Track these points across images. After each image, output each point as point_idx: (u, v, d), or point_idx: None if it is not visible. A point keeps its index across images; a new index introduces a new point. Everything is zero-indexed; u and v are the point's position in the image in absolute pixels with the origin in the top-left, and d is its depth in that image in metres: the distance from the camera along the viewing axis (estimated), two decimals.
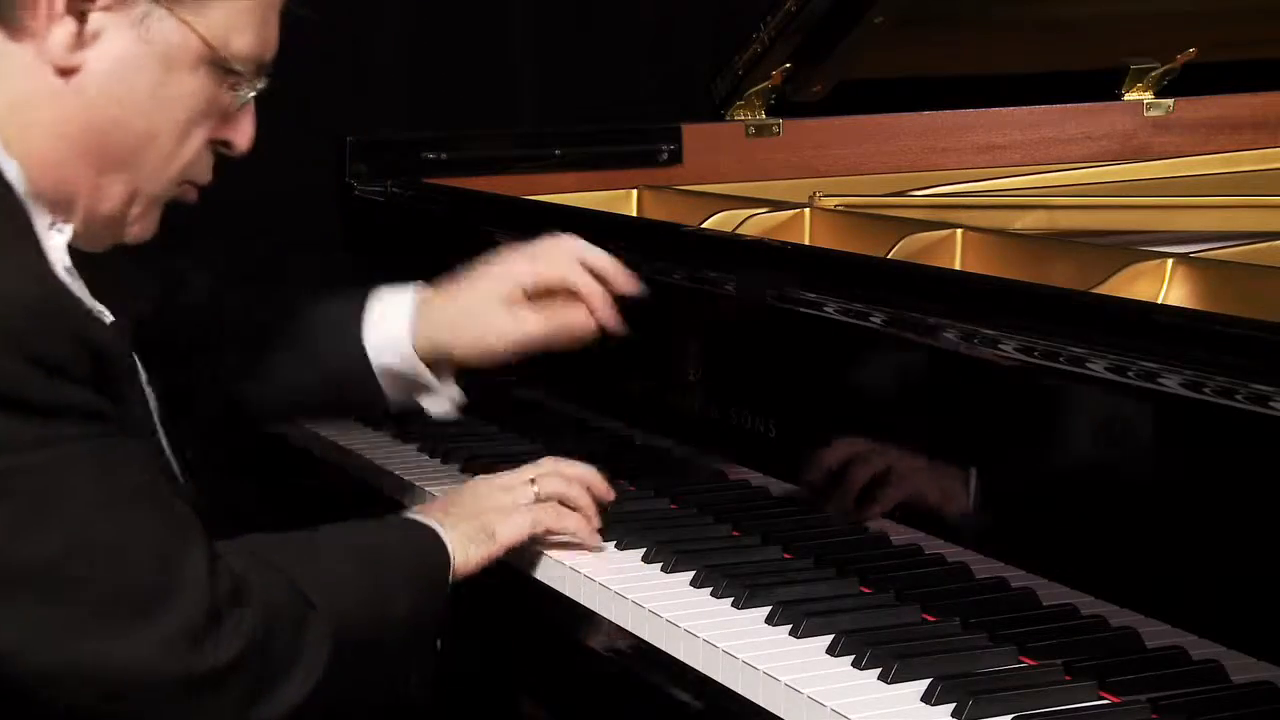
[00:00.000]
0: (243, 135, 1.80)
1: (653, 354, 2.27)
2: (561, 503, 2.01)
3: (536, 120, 3.80)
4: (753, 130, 3.10)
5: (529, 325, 2.07)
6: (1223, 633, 1.58)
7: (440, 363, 2.09)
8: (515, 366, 2.11)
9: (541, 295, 2.09)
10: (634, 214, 2.93)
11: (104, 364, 1.59)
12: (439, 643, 1.88)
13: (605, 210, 2.82)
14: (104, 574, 1.57)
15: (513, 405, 2.56)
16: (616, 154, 3.03)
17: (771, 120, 3.11)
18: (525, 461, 2.31)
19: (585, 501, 2.02)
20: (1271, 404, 1.49)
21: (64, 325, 1.56)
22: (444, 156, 2.92)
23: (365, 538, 1.88)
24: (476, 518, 1.93)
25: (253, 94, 1.77)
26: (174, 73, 1.68)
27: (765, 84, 3.06)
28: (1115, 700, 1.57)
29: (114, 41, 1.65)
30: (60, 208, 1.69)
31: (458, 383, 2.13)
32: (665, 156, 3.05)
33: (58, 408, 1.54)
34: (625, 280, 2.09)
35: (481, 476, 2.06)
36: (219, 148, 1.79)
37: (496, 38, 3.88)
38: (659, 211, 2.90)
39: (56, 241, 1.69)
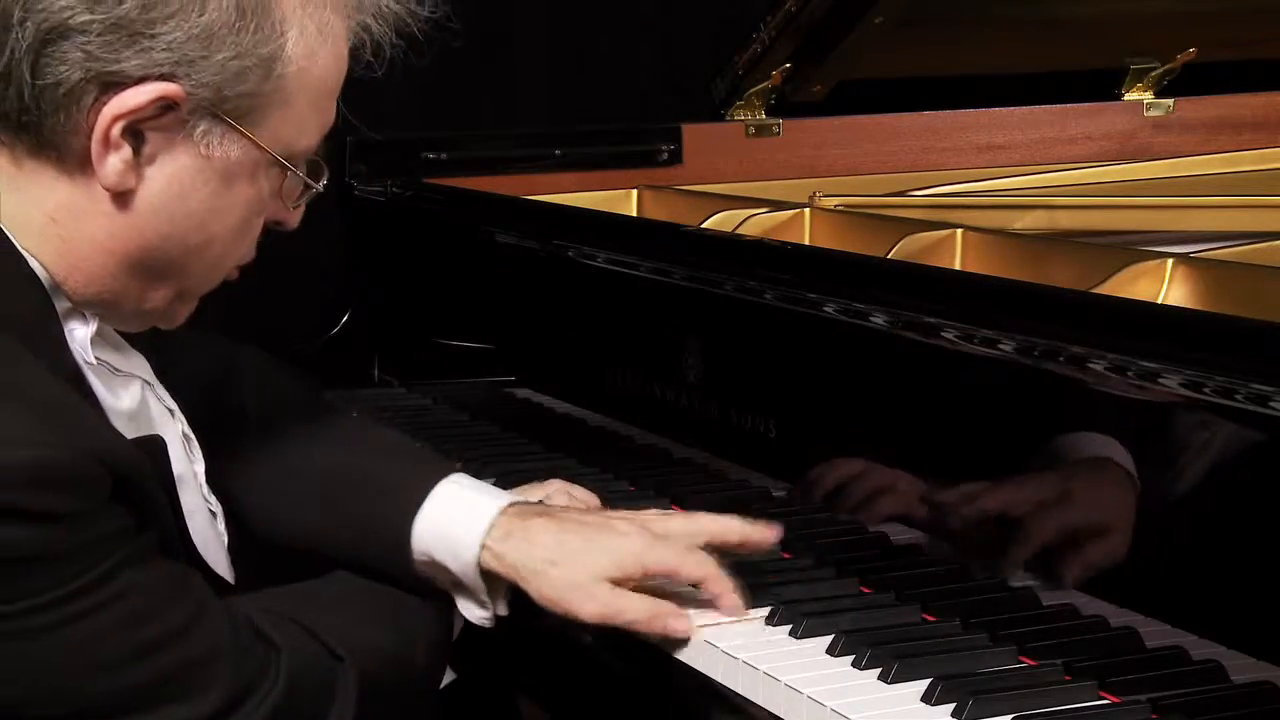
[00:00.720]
0: (294, 217, 1.71)
1: (653, 354, 2.27)
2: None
3: (536, 120, 3.80)
4: (753, 130, 3.10)
5: (627, 610, 1.74)
6: (1223, 633, 1.58)
7: (498, 582, 1.78)
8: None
9: None
10: (634, 214, 2.93)
11: (129, 484, 1.51)
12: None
13: (605, 210, 2.82)
14: (159, 663, 1.51)
15: (514, 405, 2.56)
16: (616, 154, 3.03)
17: (771, 120, 3.11)
18: (526, 458, 2.32)
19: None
20: (1271, 404, 1.49)
21: (63, 475, 1.44)
22: (444, 156, 2.92)
23: (387, 597, 1.77)
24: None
25: (314, 192, 1.70)
26: (233, 184, 1.60)
27: (765, 84, 3.06)
28: (1115, 700, 1.57)
29: (172, 161, 1.57)
30: (102, 308, 1.63)
31: None
32: (665, 156, 3.05)
33: (69, 551, 1.45)
34: (759, 537, 1.82)
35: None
36: (271, 226, 1.71)
37: (497, 37, 3.88)
38: (659, 211, 2.90)
39: (80, 334, 1.62)
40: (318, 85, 1.63)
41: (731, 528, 1.80)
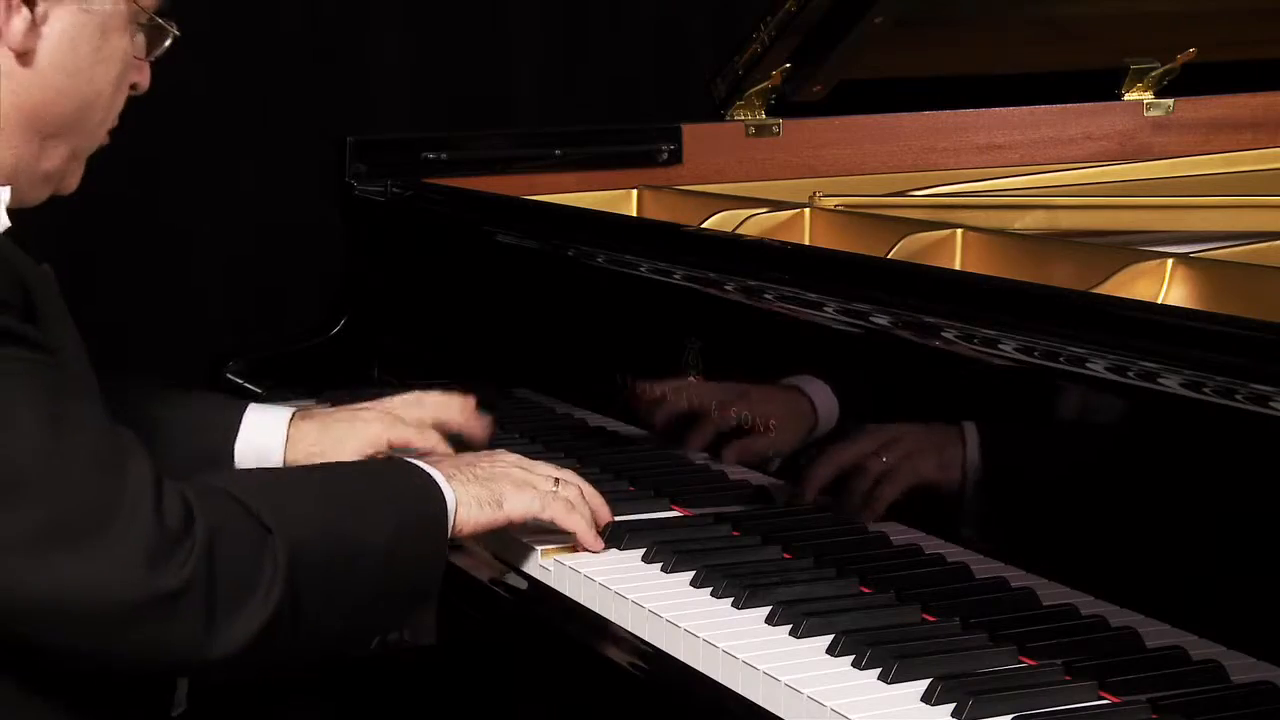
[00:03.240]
0: (146, 77, 1.92)
1: (652, 354, 2.27)
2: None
3: (536, 120, 3.80)
4: (753, 130, 3.10)
5: None
6: (1223, 633, 1.58)
7: None
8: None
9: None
10: (634, 214, 2.93)
11: (38, 304, 1.65)
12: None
13: (605, 210, 2.82)
14: (44, 491, 1.58)
15: (514, 405, 2.56)
16: (616, 154, 3.03)
17: (771, 120, 3.11)
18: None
19: (589, 513, 2.00)
20: (1271, 404, 1.49)
21: (2, 262, 1.63)
22: (444, 156, 2.92)
23: (342, 474, 1.92)
24: (490, 483, 1.93)
25: (169, 41, 1.90)
26: (109, 37, 1.82)
27: (765, 84, 3.06)
28: (1115, 700, 1.57)
29: (61, 19, 1.78)
30: (5, 172, 1.79)
31: None
32: (665, 156, 3.05)
33: None
34: (481, 433, 2.20)
35: (511, 454, 2.04)
36: (129, 92, 1.90)
37: (496, 38, 3.88)
38: (659, 211, 2.90)
39: None
40: None
41: (453, 404, 2.21)
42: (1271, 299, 1.91)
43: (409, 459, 1.94)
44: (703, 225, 2.52)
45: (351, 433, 2.12)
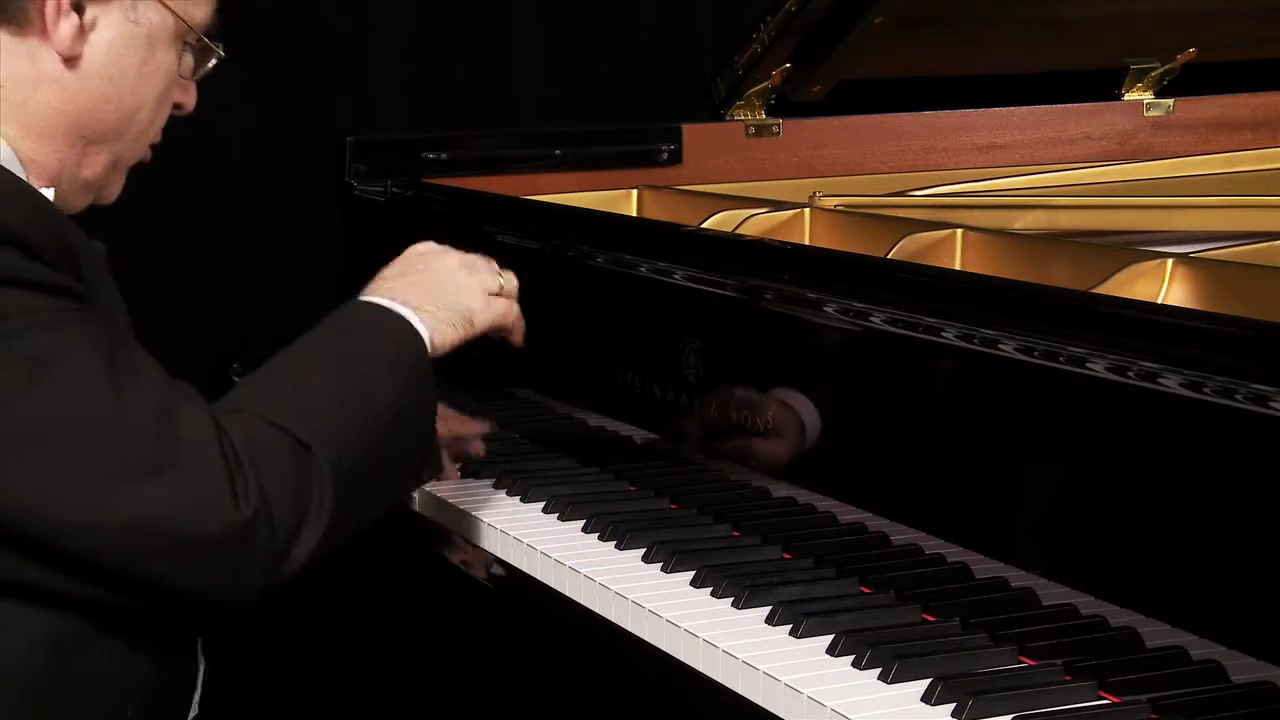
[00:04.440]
0: (192, 97, 1.98)
1: (652, 354, 2.27)
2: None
3: (536, 120, 3.80)
4: (753, 130, 3.11)
5: None
6: (1223, 633, 1.58)
7: None
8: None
9: None
10: (634, 214, 2.93)
11: (82, 269, 1.72)
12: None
13: (605, 210, 2.82)
14: (119, 427, 1.64)
15: (514, 405, 2.56)
16: (616, 154, 3.03)
17: (771, 120, 3.11)
18: (526, 458, 2.32)
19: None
20: (1271, 404, 1.49)
21: (53, 224, 1.70)
22: (444, 156, 2.92)
23: (338, 345, 1.92)
24: (448, 299, 1.98)
25: (213, 62, 1.96)
26: (155, 50, 1.87)
27: (765, 84, 3.07)
28: (1115, 700, 1.57)
29: (109, 28, 1.83)
30: (49, 175, 1.85)
31: None
32: (665, 156, 3.05)
33: (49, 285, 1.66)
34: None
35: (441, 250, 2.08)
36: (172, 111, 1.96)
37: (496, 38, 3.88)
38: (659, 211, 2.90)
39: None
40: None
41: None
42: (1271, 299, 1.91)
43: (374, 301, 1.97)
44: (703, 225, 2.52)
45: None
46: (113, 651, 1.74)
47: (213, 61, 1.96)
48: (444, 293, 2.00)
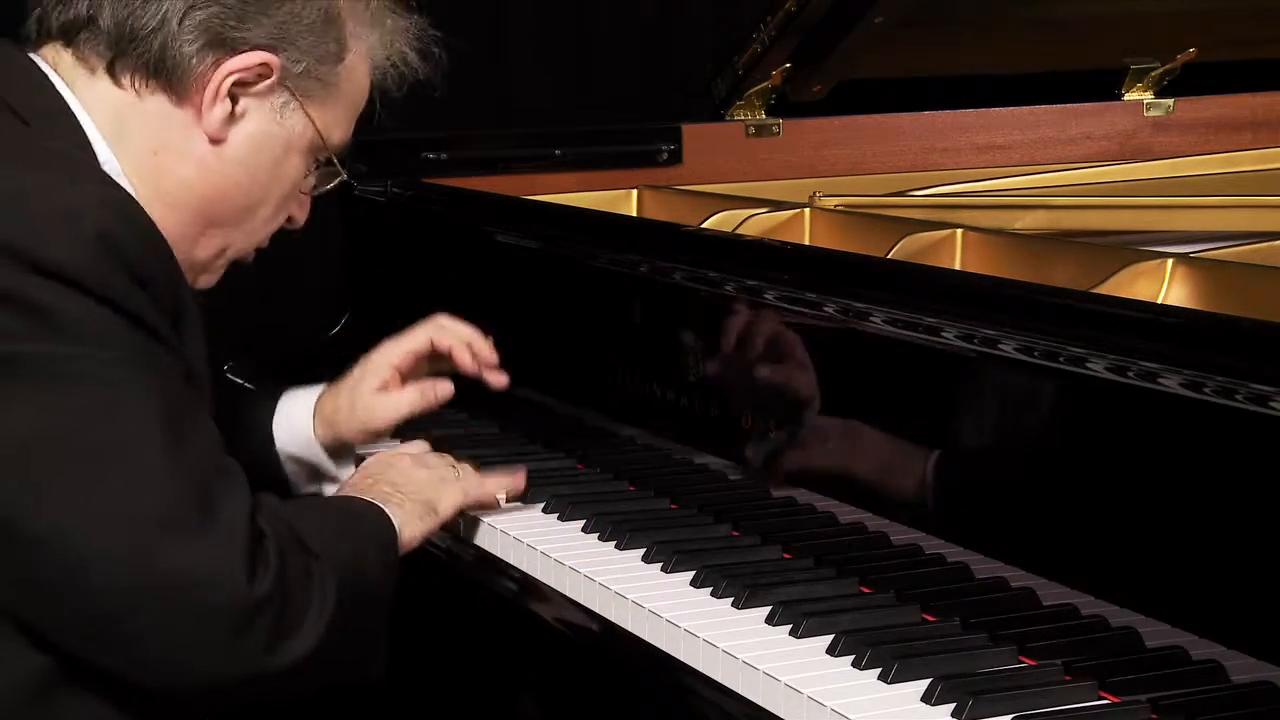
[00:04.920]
0: (304, 214, 2.06)
1: (652, 354, 2.27)
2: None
3: (536, 120, 3.80)
4: (753, 130, 3.11)
5: (402, 404, 2.27)
6: (1223, 633, 1.58)
7: (342, 449, 2.28)
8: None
9: (418, 372, 2.30)
10: (634, 214, 2.93)
11: (184, 318, 1.78)
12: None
13: (605, 210, 2.82)
14: (154, 480, 1.65)
15: (514, 405, 2.56)
16: (616, 154, 3.03)
17: (771, 120, 3.11)
18: (526, 459, 2.32)
19: (492, 477, 2.16)
20: (1271, 404, 1.49)
21: (169, 268, 1.75)
22: (444, 156, 2.92)
23: (329, 510, 1.99)
24: (416, 494, 2.04)
25: (336, 183, 2.04)
26: (290, 154, 1.95)
27: (765, 84, 3.07)
28: (1115, 700, 1.57)
29: (256, 121, 1.91)
30: None
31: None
32: (665, 156, 3.05)
33: (138, 318, 1.68)
34: (485, 349, 2.29)
35: (386, 453, 2.16)
36: (284, 223, 2.05)
37: (496, 38, 3.88)
38: (659, 211, 2.90)
39: None
40: (356, 91, 2.01)
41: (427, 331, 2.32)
42: (1271, 299, 1.91)
43: (355, 495, 2.02)
44: (703, 225, 2.52)
45: (365, 383, 2.28)
46: (99, 700, 1.71)
47: (334, 183, 2.04)
48: (408, 487, 2.05)
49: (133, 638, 1.65)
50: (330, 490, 2.24)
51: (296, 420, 2.27)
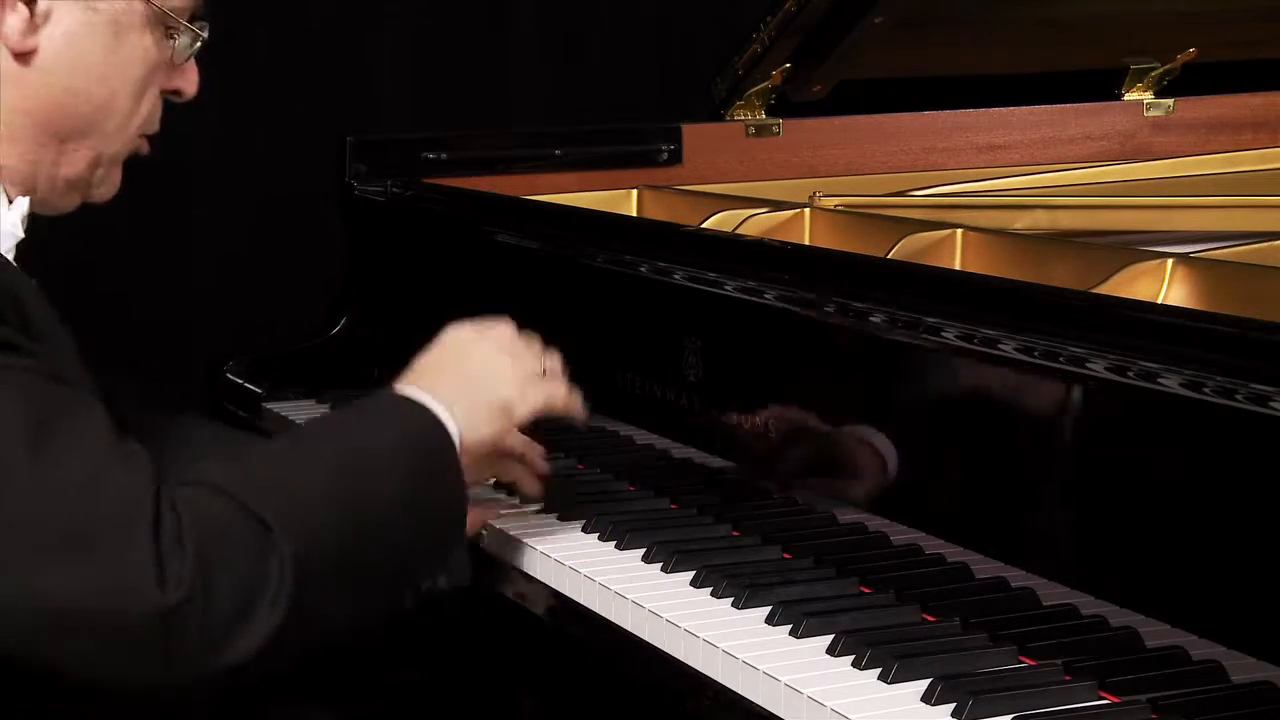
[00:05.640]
0: (190, 82, 1.87)
1: (652, 354, 2.27)
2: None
3: (536, 120, 3.80)
4: (753, 130, 3.10)
5: None
6: (1223, 633, 1.58)
7: None
8: None
9: None
10: (634, 214, 2.93)
11: (32, 319, 1.60)
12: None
13: (605, 210, 2.82)
14: (21, 496, 1.50)
15: None
16: (616, 154, 3.03)
17: (771, 120, 3.11)
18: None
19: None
20: (1271, 404, 1.49)
21: None
22: (444, 156, 2.92)
23: (345, 427, 1.79)
24: (483, 392, 1.84)
25: (199, 44, 1.84)
26: (123, 36, 1.76)
27: (765, 84, 3.06)
28: (1115, 700, 1.57)
29: (64, 18, 1.72)
30: (23, 179, 1.75)
31: None
32: (665, 156, 3.05)
33: None
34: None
35: (467, 331, 1.93)
36: (170, 97, 1.86)
37: (496, 38, 3.88)
38: (659, 211, 2.90)
39: (11, 219, 1.73)
40: None
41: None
42: (1271, 299, 1.91)
43: (404, 392, 1.81)
44: (703, 225, 2.52)
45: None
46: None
47: (197, 45, 1.84)
48: (479, 385, 1.84)
49: (52, 663, 1.52)
50: None
51: None
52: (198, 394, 2.87)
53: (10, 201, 1.74)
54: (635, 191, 2.96)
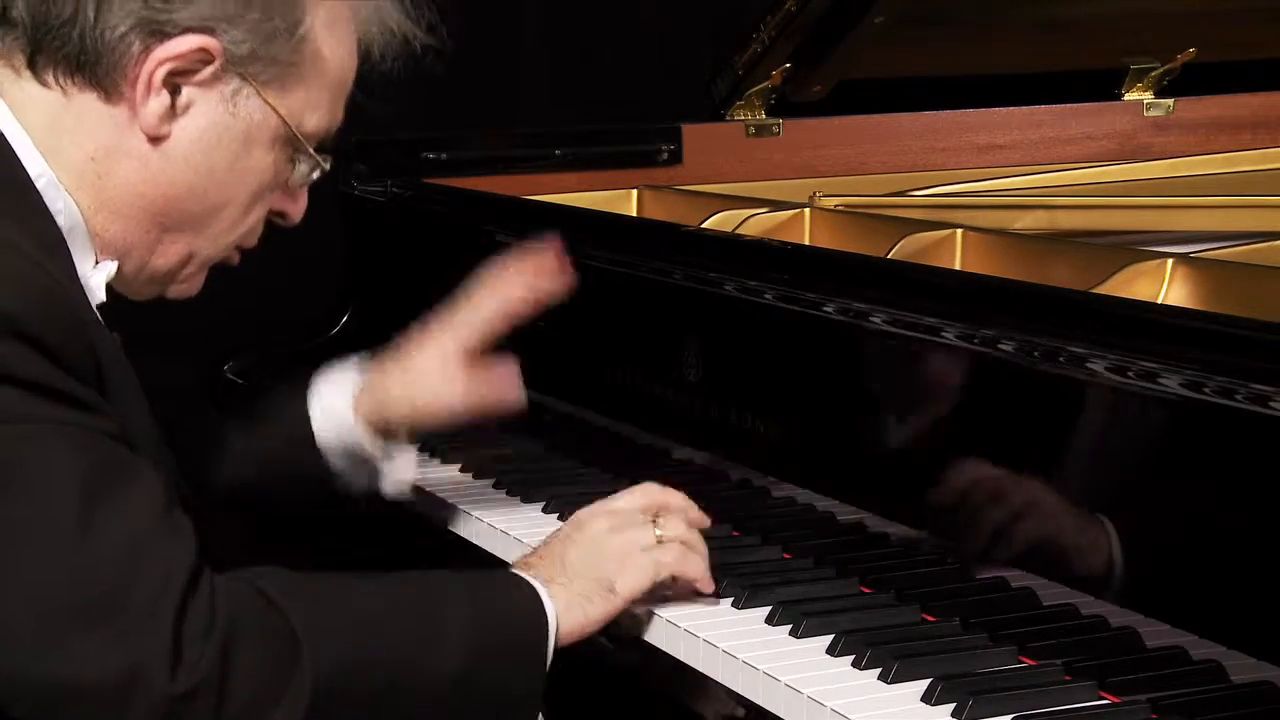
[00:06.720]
0: (298, 210, 1.87)
1: (652, 354, 2.27)
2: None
3: (537, 120, 3.80)
4: (753, 130, 3.10)
5: (470, 393, 2.07)
6: (1223, 633, 1.58)
7: (395, 432, 2.09)
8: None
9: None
10: (634, 214, 2.93)
11: (106, 374, 1.60)
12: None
13: (605, 210, 2.82)
14: (61, 559, 1.49)
15: None
16: (616, 154, 3.03)
17: (771, 120, 3.11)
18: (526, 458, 2.31)
19: (703, 545, 1.85)
20: (1271, 404, 1.49)
21: (69, 315, 1.57)
22: (444, 156, 2.92)
23: (429, 582, 1.72)
24: (594, 570, 1.76)
25: (317, 173, 1.84)
26: (251, 147, 1.75)
27: (765, 84, 3.06)
28: (1115, 700, 1.57)
29: (203, 114, 1.72)
30: (114, 254, 1.75)
31: None
32: (665, 156, 3.05)
33: (46, 388, 1.52)
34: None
35: (594, 512, 1.84)
36: (274, 217, 1.86)
37: (498, 38, 3.88)
38: (659, 211, 2.90)
39: (97, 279, 1.73)
40: (330, 70, 1.79)
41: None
42: (1271, 299, 1.91)
43: (513, 570, 1.76)
44: (703, 225, 2.52)
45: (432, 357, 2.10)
46: None
47: (314, 175, 1.83)
48: (587, 563, 1.76)
49: None
50: (385, 483, 2.09)
51: (333, 400, 2.09)
52: (197, 394, 2.87)
53: (97, 262, 1.74)
54: (635, 191, 2.96)
